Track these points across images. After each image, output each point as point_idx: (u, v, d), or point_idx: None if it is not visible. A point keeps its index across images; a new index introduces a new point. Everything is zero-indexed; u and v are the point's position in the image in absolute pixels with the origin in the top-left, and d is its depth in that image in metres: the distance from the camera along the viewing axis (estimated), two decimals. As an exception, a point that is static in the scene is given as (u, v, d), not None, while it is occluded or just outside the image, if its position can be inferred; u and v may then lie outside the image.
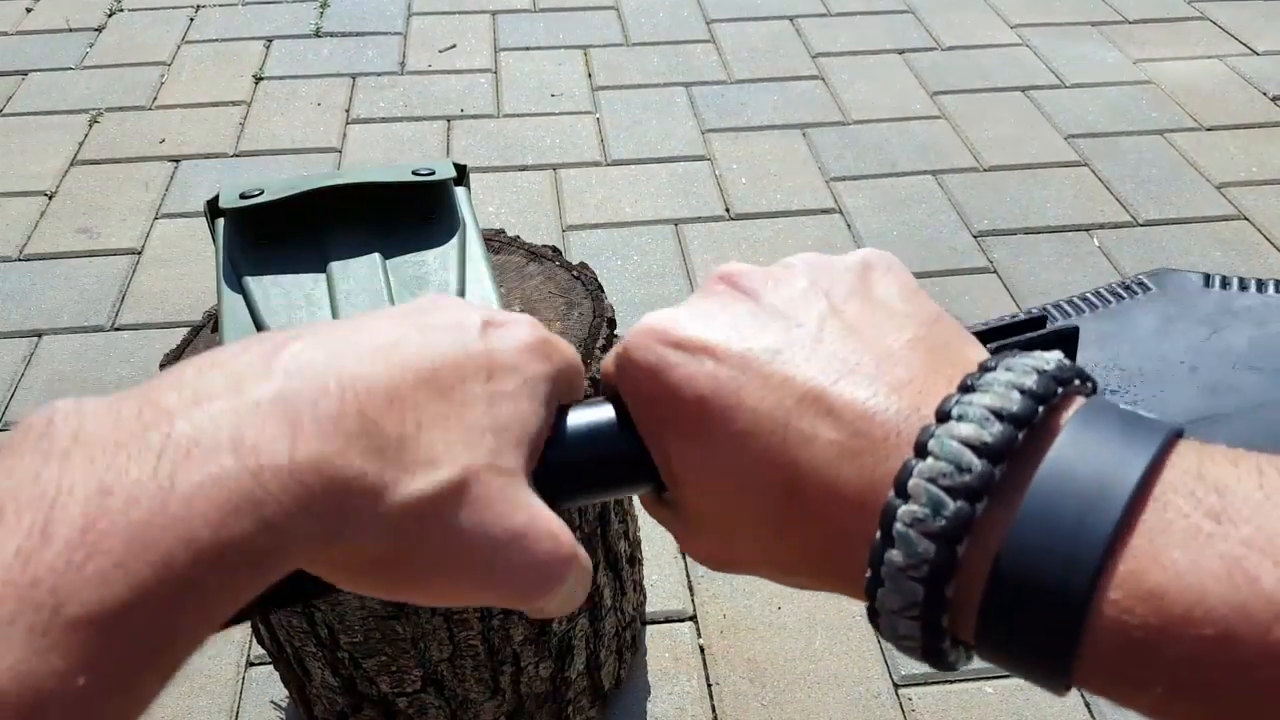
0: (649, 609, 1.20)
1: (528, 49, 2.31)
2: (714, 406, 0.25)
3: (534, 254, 0.91)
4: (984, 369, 0.23)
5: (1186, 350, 0.35)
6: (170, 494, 0.18)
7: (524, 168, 1.94)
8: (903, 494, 0.21)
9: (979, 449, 0.21)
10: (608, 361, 0.29)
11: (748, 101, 2.12)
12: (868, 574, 0.22)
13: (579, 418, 0.29)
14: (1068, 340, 0.32)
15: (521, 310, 0.85)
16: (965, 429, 0.21)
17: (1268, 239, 1.76)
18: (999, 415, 0.21)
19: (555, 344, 0.28)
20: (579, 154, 1.97)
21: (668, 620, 1.20)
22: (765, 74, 2.22)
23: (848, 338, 0.25)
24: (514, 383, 0.26)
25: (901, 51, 2.30)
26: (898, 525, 0.21)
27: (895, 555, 0.21)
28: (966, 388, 0.22)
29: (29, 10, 2.45)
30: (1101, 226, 1.79)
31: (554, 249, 0.93)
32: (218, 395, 0.21)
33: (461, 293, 0.75)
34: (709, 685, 1.13)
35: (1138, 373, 0.35)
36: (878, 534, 0.22)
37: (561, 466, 0.28)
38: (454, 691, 0.93)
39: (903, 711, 1.10)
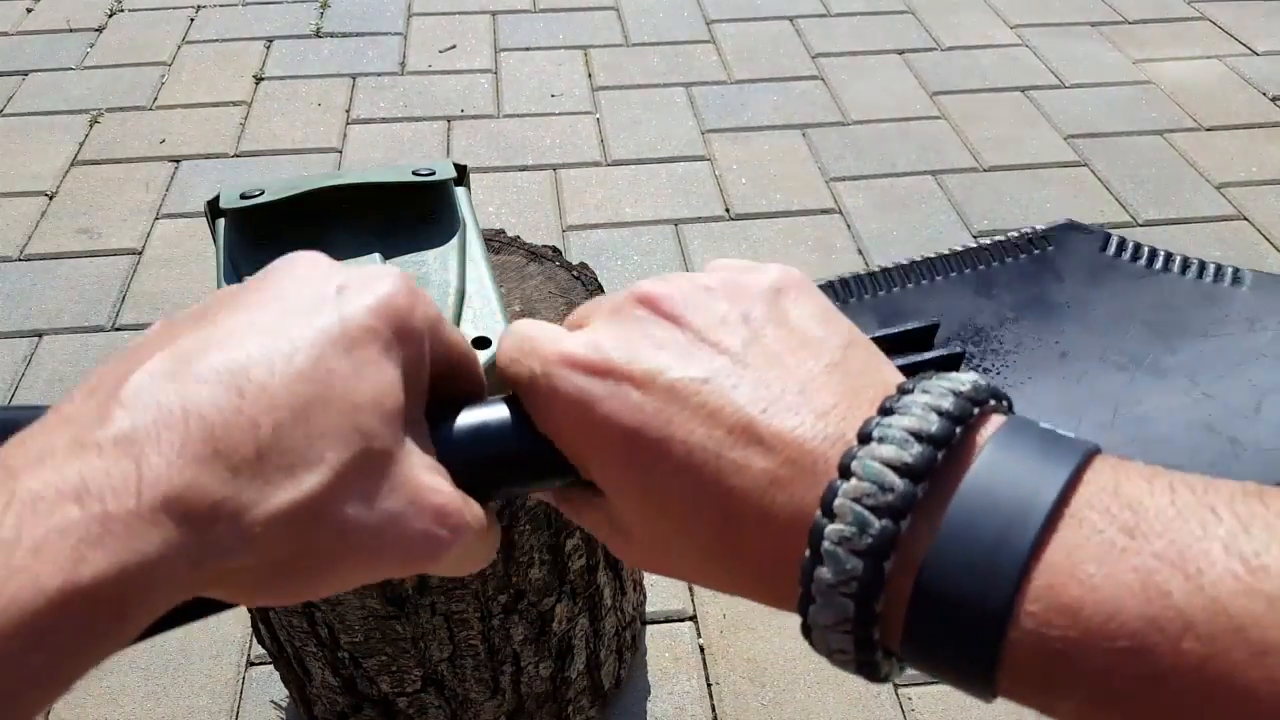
0: (649, 608, 1.20)
1: (528, 49, 2.31)
2: (644, 440, 0.25)
3: (534, 254, 0.91)
4: (902, 391, 0.23)
5: (1060, 331, 0.35)
6: (16, 546, 0.19)
7: (524, 168, 1.94)
8: (829, 514, 0.22)
9: (900, 469, 0.21)
10: (508, 365, 0.28)
11: (748, 102, 2.13)
12: (799, 591, 0.22)
13: (474, 417, 0.29)
14: (953, 362, 0.33)
15: (521, 310, 0.85)
16: (886, 450, 0.22)
17: (1267, 239, 1.76)
18: (918, 436, 0.22)
19: (412, 298, 0.26)
20: (579, 154, 1.97)
21: (668, 620, 1.20)
22: (765, 74, 2.22)
23: (771, 365, 0.25)
24: (376, 349, 0.24)
25: (901, 52, 2.30)
26: (825, 544, 0.22)
27: (825, 573, 0.22)
28: (886, 410, 0.23)
29: (29, 10, 2.45)
30: (1101, 226, 1.79)
31: (554, 249, 0.93)
32: (60, 449, 0.21)
33: (461, 293, 0.75)
34: (709, 685, 1.13)
35: (1000, 344, 0.35)
36: (807, 553, 0.22)
37: (461, 464, 0.27)
38: (454, 691, 0.93)
39: (902, 711, 1.10)
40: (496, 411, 0.29)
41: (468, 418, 0.29)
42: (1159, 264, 0.35)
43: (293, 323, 0.24)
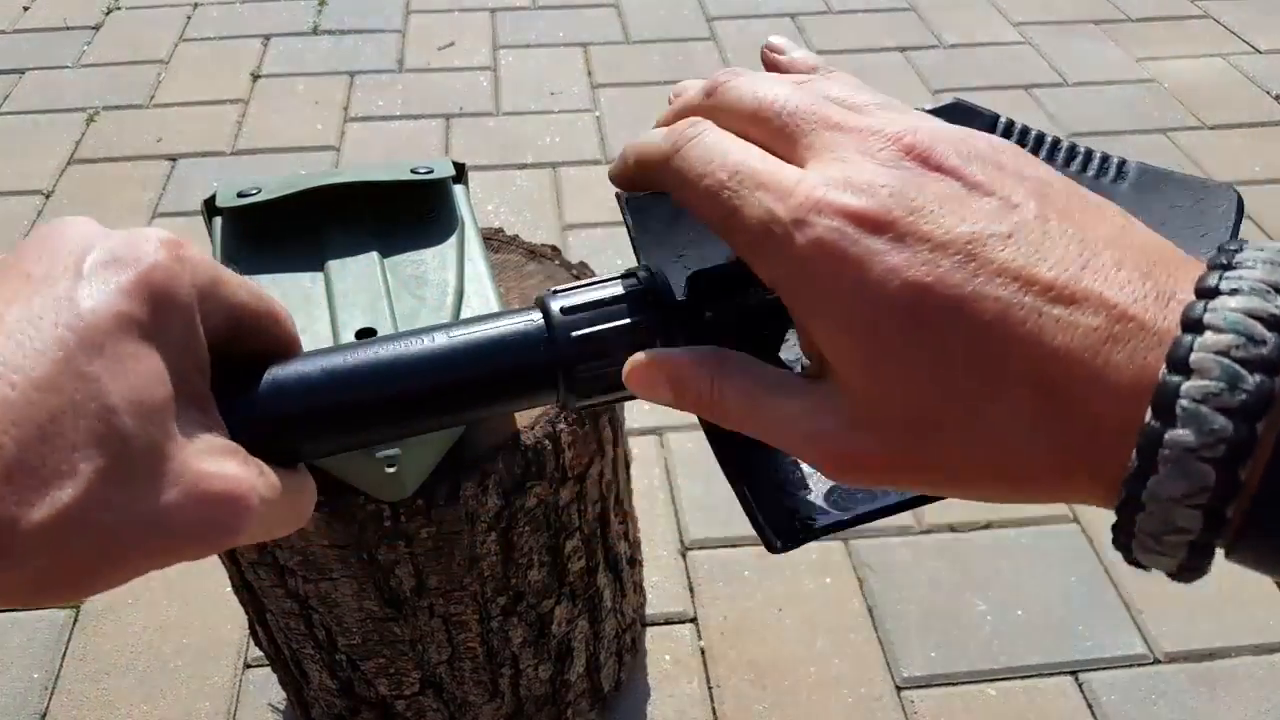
0: (649, 611, 1.19)
1: (527, 47, 2.30)
2: (939, 298, 0.22)
3: (533, 253, 0.90)
4: (1223, 251, 0.21)
5: None
6: None
7: (523, 166, 1.93)
8: (1182, 370, 0.20)
9: (1268, 321, 0.19)
10: (710, 194, 0.25)
11: (748, 100, 2.12)
12: (1133, 464, 0.20)
13: (272, 378, 0.27)
14: None
15: (521, 310, 0.84)
16: (1249, 301, 0.20)
17: (1272, 238, 1.75)
18: (1277, 288, 0.20)
19: (173, 267, 0.24)
20: (579, 152, 1.96)
21: (668, 622, 1.19)
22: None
23: (1069, 222, 0.23)
24: (131, 340, 0.23)
25: (903, 49, 2.29)
26: (1184, 402, 0.19)
27: (1183, 435, 0.19)
28: (1223, 265, 0.21)
29: (26, 8, 2.44)
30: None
31: (553, 248, 0.92)
32: None
33: (460, 292, 0.74)
34: (710, 688, 1.13)
35: None
36: (1150, 416, 0.20)
37: (254, 432, 0.26)
38: (453, 694, 0.92)
39: (904, 714, 1.09)
40: (297, 368, 0.27)
41: (263, 380, 0.27)
42: (1044, 152, 0.32)
43: (35, 320, 0.22)
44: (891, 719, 1.09)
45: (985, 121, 0.33)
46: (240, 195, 0.77)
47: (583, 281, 0.30)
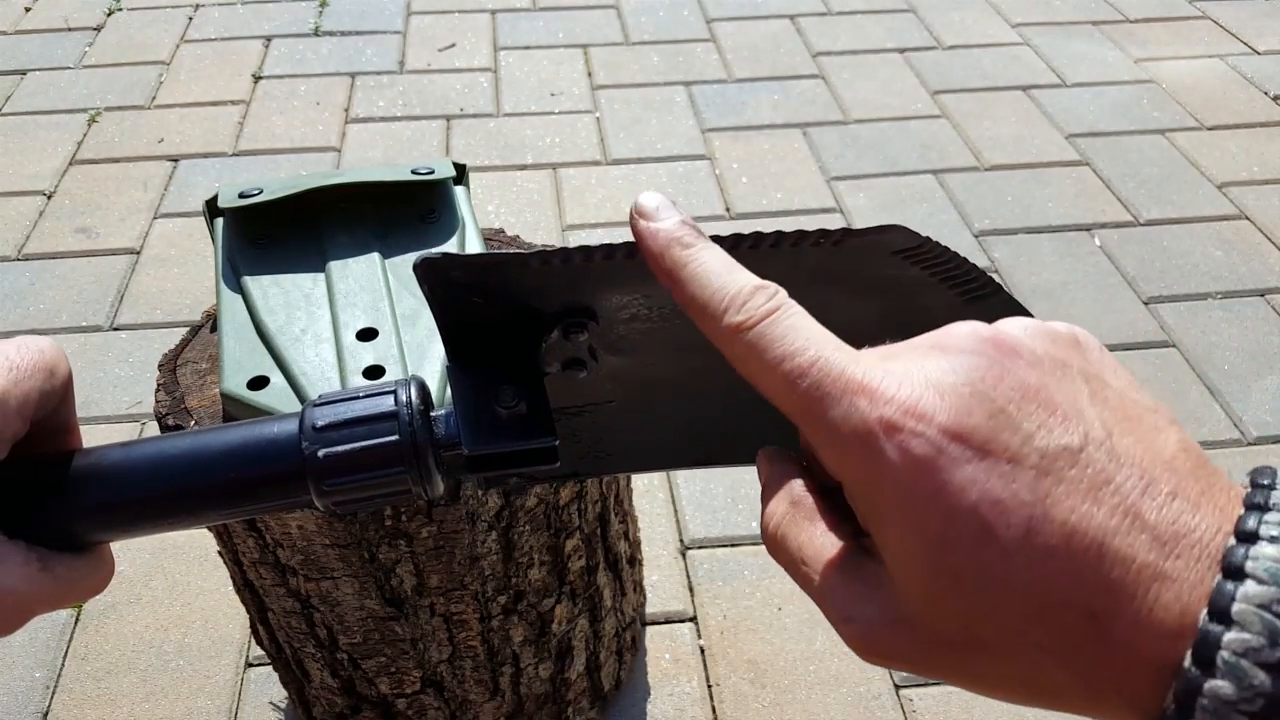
0: (649, 610, 1.20)
1: (527, 48, 2.31)
2: (1011, 519, 0.22)
3: (534, 253, 0.91)
4: (1256, 483, 0.22)
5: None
6: None
7: (524, 167, 1.93)
8: (1223, 620, 0.20)
9: None
10: (808, 403, 0.24)
11: (748, 100, 2.12)
12: (1170, 708, 0.21)
13: (50, 475, 0.29)
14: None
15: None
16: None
17: (1269, 239, 1.76)
18: None
19: None
20: (579, 153, 1.97)
21: (668, 621, 1.19)
22: (766, 73, 2.21)
23: (1130, 439, 0.23)
24: None
25: (902, 50, 2.29)
26: (1225, 654, 0.20)
27: (1223, 687, 0.20)
28: (1259, 506, 0.21)
29: (28, 9, 2.45)
30: (1103, 226, 1.79)
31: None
32: None
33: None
34: (709, 686, 1.13)
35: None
36: (1189, 663, 0.20)
37: (38, 526, 0.28)
38: (453, 693, 0.92)
39: (903, 712, 1.10)
40: (79, 464, 0.29)
41: (47, 479, 0.29)
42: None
43: None
44: (890, 718, 1.09)
45: (892, 245, 0.32)
46: (242, 196, 0.77)
47: (347, 394, 0.30)
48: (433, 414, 0.31)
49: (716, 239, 0.29)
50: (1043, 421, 0.23)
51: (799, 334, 0.25)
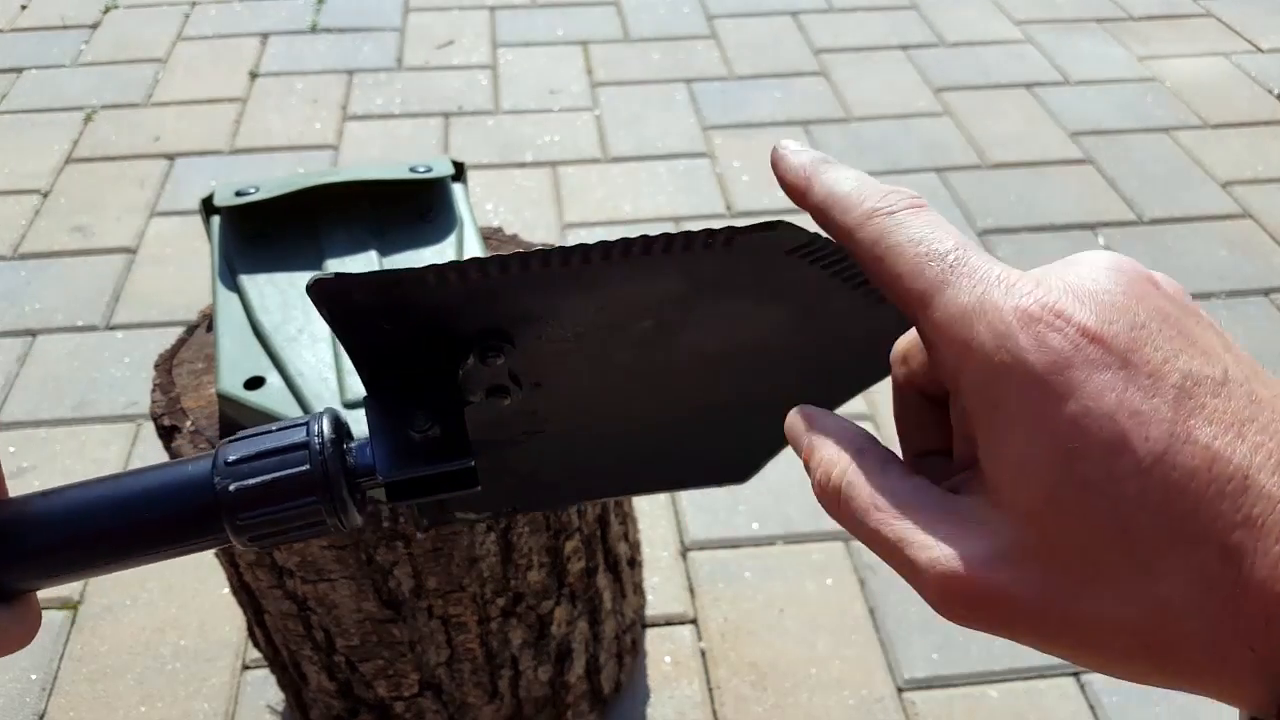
0: (649, 612, 1.19)
1: (526, 45, 2.30)
2: (1149, 429, 0.20)
3: (533, 252, 0.90)
4: None
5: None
6: None
7: (523, 165, 1.92)
8: None
9: None
10: (909, 271, 0.23)
11: (749, 98, 2.11)
12: None
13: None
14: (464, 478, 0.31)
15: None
16: None
17: (1273, 238, 1.75)
18: None
19: None
20: (578, 151, 1.96)
21: (668, 623, 1.18)
22: (767, 70, 2.20)
23: (1268, 391, 0.21)
24: None
25: (905, 48, 2.28)
26: None
27: None
28: None
29: (24, 7, 2.44)
30: (1106, 224, 1.78)
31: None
32: None
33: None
34: (710, 689, 1.12)
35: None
36: None
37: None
38: (452, 696, 0.91)
39: (906, 715, 1.09)
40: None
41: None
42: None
43: None
44: (893, 721, 1.09)
45: (783, 245, 0.31)
46: (238, 194, 0.77)
47: (261, 429, 0.30)
48: (350, 444, 0.31)
49: (602, 244, 0.28)
50: (1183, 348, 0.21)
51: (940, 227, 0.24)
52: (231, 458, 0.29)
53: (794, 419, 0.27)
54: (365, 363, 0.31)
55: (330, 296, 0.28)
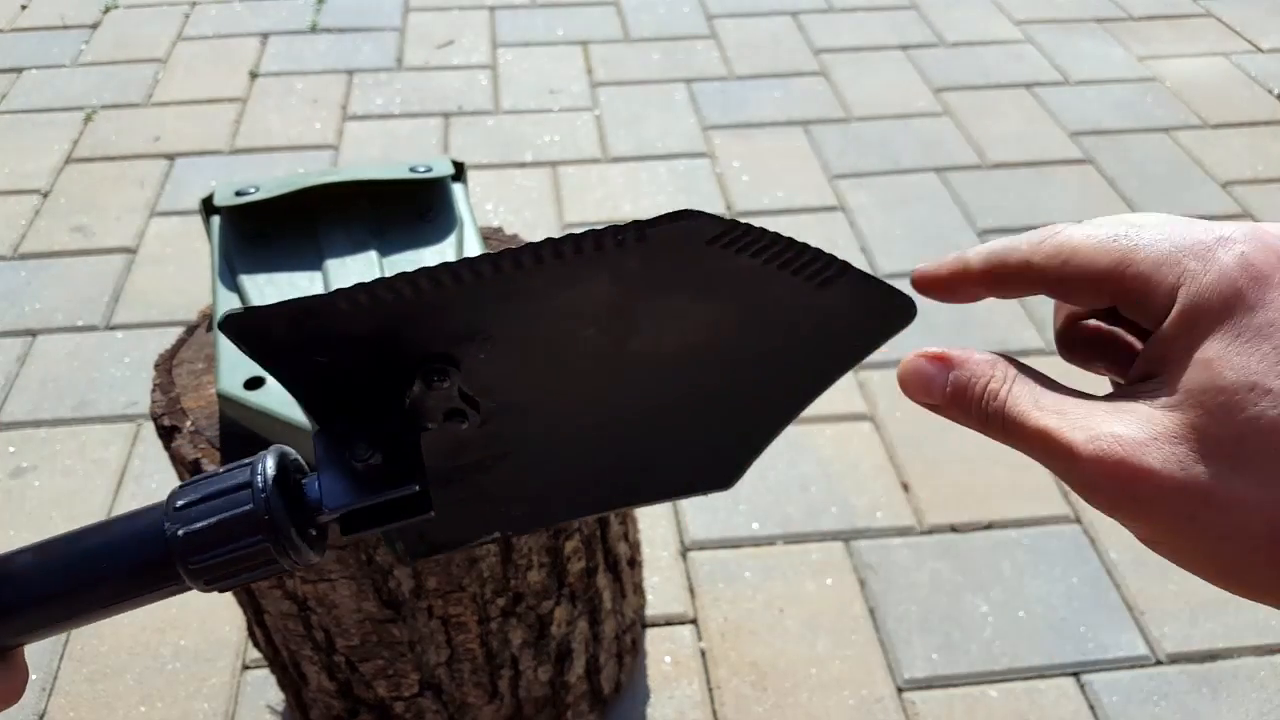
0: (649, 612, 1.19)
1: (526, 45, 2.30)
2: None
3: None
4: None
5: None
6: None
7: (523, 165, 1.92)
8: None
9: None
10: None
11: (749, 98, 2.11)
12: None
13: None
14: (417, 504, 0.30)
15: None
16: None
17: (1273, 237, 1.75)
18: None
19: None
20: (578, 151, 1.96)
21: (668, 623, 1.18)
22: (767, 70, 2.20)
23: None
24: None
25: (905, 48, 2.28)
26: None
27: None
28: None
29: (24, 7, 2.44)
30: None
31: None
32: None
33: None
34: (710, 689, 1.12)
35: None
36: None
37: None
38: (452, 696, 0.91)
39: (906, 715, 1.09)
40: None
41: None
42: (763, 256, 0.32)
43: None
44: (893, 720, 1.09)
45: (703, 233, 0.31)
46: (238, 194, 0.77)
47: (210, 473, 0.30)
48: (304, 479, 0.30)
49: (510, 252, 0.26)
50: None
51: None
52: (180, 503, 0.29)
53: (916, 363, 0.28)
54: (305, 395, 0.30)
55: (246, 333, 0.27)
